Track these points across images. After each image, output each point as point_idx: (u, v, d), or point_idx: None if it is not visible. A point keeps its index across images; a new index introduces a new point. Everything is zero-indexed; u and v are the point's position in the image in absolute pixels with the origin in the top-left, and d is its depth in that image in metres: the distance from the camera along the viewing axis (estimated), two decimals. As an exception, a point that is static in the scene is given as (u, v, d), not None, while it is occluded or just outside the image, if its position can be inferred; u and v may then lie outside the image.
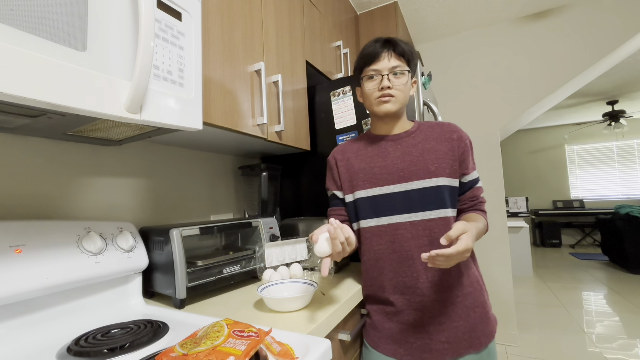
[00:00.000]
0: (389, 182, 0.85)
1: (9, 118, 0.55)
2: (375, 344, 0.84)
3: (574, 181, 6.23)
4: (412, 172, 0.83)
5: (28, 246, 0.61)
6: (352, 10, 2.02)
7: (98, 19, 0.51)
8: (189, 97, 0.67)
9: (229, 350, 0.40)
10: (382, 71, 0.83)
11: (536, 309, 2.93)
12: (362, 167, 0.89)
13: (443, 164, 0.83)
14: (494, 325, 0.83)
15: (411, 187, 0.83)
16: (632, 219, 4.01)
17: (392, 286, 0.83)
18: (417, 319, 0.80)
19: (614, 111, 4.91)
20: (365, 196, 0.87)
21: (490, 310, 0.84)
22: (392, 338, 0.82)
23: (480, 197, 0.88)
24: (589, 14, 2.12)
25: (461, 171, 0.85)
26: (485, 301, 0.83)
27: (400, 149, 0.87)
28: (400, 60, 0.83)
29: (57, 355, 0.55)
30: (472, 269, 0.84)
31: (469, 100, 2.42)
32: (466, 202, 0.87)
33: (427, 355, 0.78)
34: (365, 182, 0.88)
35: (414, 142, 0.87)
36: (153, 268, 0.85)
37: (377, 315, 0.86)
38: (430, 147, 0.85)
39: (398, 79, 0.83)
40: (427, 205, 0.81)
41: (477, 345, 0.78)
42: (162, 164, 1.06)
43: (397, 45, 0.83)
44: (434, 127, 0.89)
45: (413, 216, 0.82)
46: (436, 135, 0.87)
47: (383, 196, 0.85)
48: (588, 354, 2.09)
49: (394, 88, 0.83)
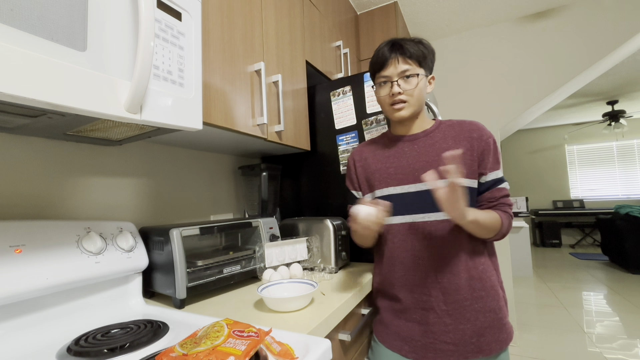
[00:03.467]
0: (403, 182, 0.85)
1: (9, 118, 0.55)
2: (383, 339, 0.87)
3: (574, 181, 6.23)
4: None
5: (28, 246, 0.61)
6: (352, 10, 2.02)
7: (98, 18, 0.51)
8: (189, 97, 0.67)
9: (229, 350, 0.40)
10: (391, 77, 0.83)
11: (536, 309, 2.93)
12: (379, 167, 0.91)
13: (460, 165, 0.81)
14: (509, 333, 0.80)
15: (425, 187, 0.83)
16: (632, 219, 4.00)
17: (401, 284, 0.84)
18: (424, 318, 0.81)
19: (614, 111, 4.91)
20: (381, 195, 0.89)
21: (505, 317, 0.81)
22: (399, 335, 0.84)
23: (501, 199, 0.82)
24: (589, 14, 2.12)
25: (479, 171, 0.82)
26: (500, 308, 0.80)
27: (416, 149, 0.87)
28: (409, 63, 0.82)
29: (57, 355, 0.55)
30: (487, 273, 0.81)
31: (469, 100, 2.43)
32: (484, 204, 0.83)
33: (432, 354, 0.79)
34: (381, 182, 0.89)
35: (432, 142, 0.86)
36: (153, 268, 0.85)
37: (385, 311, 0.88)
38: (448, 147, 0.83)
39: (408, 83, 0.82)
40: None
41: (486, 351, 0.77)
42: (162, 164, 1.06)
43: (404, 48, 0.82)
44: (454, 126, 0.86)
45: (426, 216, 0.82)
46: (455, 135, 0.84)
47: (397, 196, 0.86)
48: (588, 354, 2.09)
49: (405, 93, 0.82)
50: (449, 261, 0.80)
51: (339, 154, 1.30)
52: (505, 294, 0.85)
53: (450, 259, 0.80)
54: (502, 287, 0.85)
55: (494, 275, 0.83)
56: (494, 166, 0.82)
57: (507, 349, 0.80)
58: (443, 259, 0.80)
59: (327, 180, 1.33)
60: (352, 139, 1.26)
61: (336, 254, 1.09)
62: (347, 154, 1.28)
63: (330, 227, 1.09)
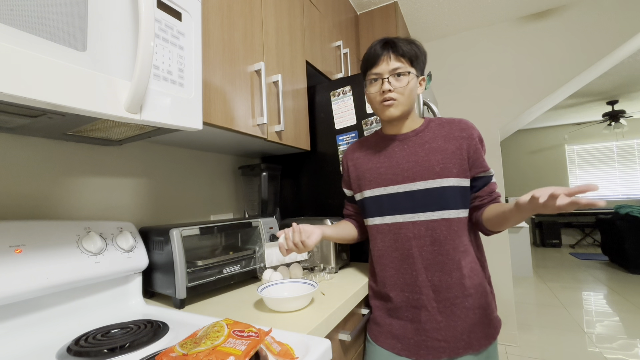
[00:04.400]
0: (393, 182, 0.86)
1: (9, 118, 0.55)
2: (376, 337, 0.87)
3: (574, 181, 6.22)
4: (417, 172, 0.83)
5: (28, 246, 0.61)
6: (352, 10, 2.02)
7: (98, 18, 0.51)
8: (189, 97, 0.67)
9: (229, 350, 0.40)
10: (382, 74, 0.82)
11: (536, 309, 2.93)
12: (369, 167, 0.91)
13: (449, 164, 0.81)
14: (496, 327, 0.82)
15: (415, 187, 0.83)
16: (632, 219, 4.00)
17: (393, 283, 0.85)
18: (415, 317, 0.82)
19: (614, 111, 4.91)
20: (371, 195, 0.89)
21: (493, 312, 0.83)
22: (392, 333, 0.85)
23: (497, 192, 0.86)
24: (589, 14, 2.11)
25: (475, 169, 0.83)
26: (489, 304, 0.82)
27: (406, 149, 0.87)
28: (401, 61, 0.82)
29: (57, 355, 0.55)
30: (475, 271, 0.83)
31: (469, 100, 2.42)
32: (485, 198, 0.84)
33: (424, 351, 0.80)
34: (371, 182, 0.89)
35: (421, 141, 0.86)
36: (153, 268, 0.85)
37: (378, 310, 0.89)
38: (438, 146, 0.83)
39: (399, 81, 0.82)
40: (430, 206, 0.81)
41: (476, 347, 0.78)
42: (162, 164, 1.06)
43: (397, 46, 0.82)
44: (444, 125, 0.86)
45: (416, 216, 0.83)
46: (445, 134, 0.84)
47: (387, 196, 0.86)
48: (588, 354, 2.09)
49: (395, 91, 0.82)
50: (439, 260, 0.80)
51: (339, 154, 1.30)
52: (492, 289, 0.86)
53: (440, 258, 0.80)
54: (489, 282, 0.87)
55: (482, 272, 0.84)
56: (484, 163, 0.84)
57: (495, 342, 0.82)
58: (433, 258, 0.81)
59: (327, 180, 1.33)
60: (352, 139, 1.26)
61: (336, 254, 1.09)
62: (347, 154, 1.28)
63: (330, 227, 1.09)
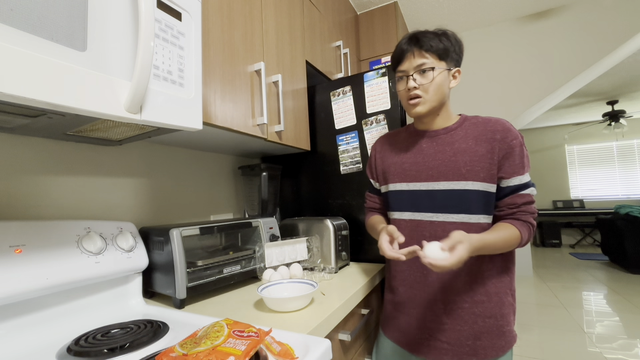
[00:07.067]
0: (416, 179, 0.85)
1: (9, 118, 0.55)
2: (385, 328, 0.92)
3: (574, 181, 6.22)
4: (441, 172, 0.81)
5: (28, 246, 0.61)
6: (352, 10, 2.02)
7: (98, 18, 0.51)
8: (189, 97, 0.67)
9: (229, 350, 0.40)
10: (407, 72, 0.81)
11: (536, 309, 2.93)
12: (395, 161, 0.91)
13: (477, 167, 0.77)
14: (508, 342, 0.78)
15: (437, 187, 0.81)
16: (632, 219, 4.00)
17: (403, 278, 0.87)
18: (421, 314, 0.82)
19: (614, 111, 4.91)
20: (394, 190, 0.90)
21: (508, 325, 0.78)
22: (398, 327, 0.87)
23: (523, 206, 0.76)
24: (589, 14, 2.11)
25: (499, 175, 0.77)
26: (503, 315, 0.78)
27: (434, 147, 0.84)
28: (426, 57, 0.79)
29: (57, 355, 0.55)
30: (493, 279, 0.79)
31: (469, 100, 2.42)
32: (504, 209, 0.78)
33: (425, 350, 0.80)
34: (395, 176, 0.90)
35: (451, 140, 0.82)
36: (153, 268, 0.85)
37: (388, 303, 0.92)
38: (467, 147, 0.79)
39: (424, 78, 0.79)
40: (450, 208, 0.79)
41: (481, 355, 0.76)
42: (162, 164, 1.06)
43: (422, 41, 0.79)
44: (478, 125, 0.81)
45: (434, 216, 0.81)
46: (477, 134, 0.79)
47: (409, 192, 0.86)
48: (588, 354, 2.09)
49: (421, 88, 0.80)
50: None
51: (339, 154, 1.30)
52: (514, 302, 0.81)
53: None
54: (513, 295, 0.81)
55: (503, 283, 0.80)
56: (518, 170, 0.76)
57: (506, 355, 0.78)
58: None
59: (327, 180, 1.33)
60: (352, 139, 1.26)
61: (336, 254, 1.09)
62: (347, 153, 1.28)
63: (330, 227, 1.09)
